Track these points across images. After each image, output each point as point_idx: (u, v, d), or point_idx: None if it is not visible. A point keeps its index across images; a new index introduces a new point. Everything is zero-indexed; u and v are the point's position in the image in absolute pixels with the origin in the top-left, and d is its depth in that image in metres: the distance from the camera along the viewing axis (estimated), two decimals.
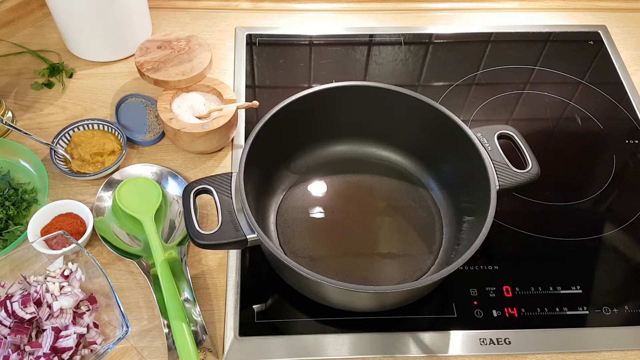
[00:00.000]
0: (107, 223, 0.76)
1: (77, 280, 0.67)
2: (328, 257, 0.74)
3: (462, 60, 1.00)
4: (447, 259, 0.72)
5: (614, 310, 0.72)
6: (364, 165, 0.82)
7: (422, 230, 0.76)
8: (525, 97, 0.96)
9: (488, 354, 0.68)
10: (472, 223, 0.69)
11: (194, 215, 0.65)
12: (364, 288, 0.60)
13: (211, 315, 0.70)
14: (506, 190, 0.69)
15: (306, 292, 0.69)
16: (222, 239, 0.63)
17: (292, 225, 0.76)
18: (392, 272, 0.72)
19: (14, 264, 0.67)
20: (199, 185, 0.67)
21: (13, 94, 0.91)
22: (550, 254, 0.77)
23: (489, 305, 0.72)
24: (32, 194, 0.78)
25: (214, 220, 0.78)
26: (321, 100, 0.75)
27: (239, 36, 1.01)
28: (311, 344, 0.68)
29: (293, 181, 0.80)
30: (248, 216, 0.63)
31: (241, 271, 0.73)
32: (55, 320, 0.64)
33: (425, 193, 0.80)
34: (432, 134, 0.76)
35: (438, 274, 0.60)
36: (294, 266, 0.59)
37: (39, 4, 1.00)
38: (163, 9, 1.04)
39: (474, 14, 1.08)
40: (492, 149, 0.71)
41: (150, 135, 0.85)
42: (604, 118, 0.93)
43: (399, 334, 0.69)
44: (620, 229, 0.80)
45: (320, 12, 1.07)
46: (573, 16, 1.09)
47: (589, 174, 0.86)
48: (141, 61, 0.81)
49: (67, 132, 0.82)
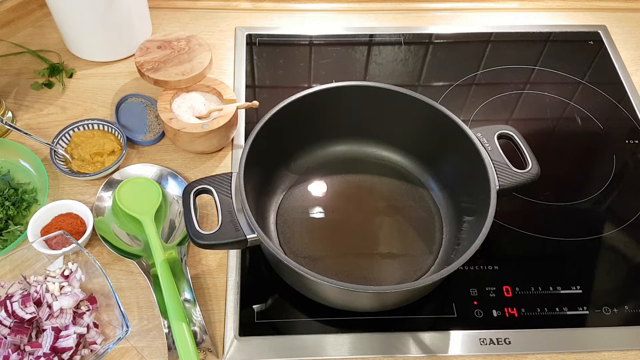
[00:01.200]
0: (107, 223, 0.76)
1: (77, 280, 0.67)
2: (328, 257, 0.74)
3: (462, 60, 1.00)
4: (447, 259, 0.72)
5: (614, 310, 0.72)
6: (364, 165, 0.82)
7: (422, 230, 0.76)
8: (525, 97, 0.96)
9: (488, 354, 0.68)
10: (472, 223, 0.69)
11: (194, 215, 0.65)
12: (364, 288, 0.60)
13: (211, 315, 0.70)
14: (506, 190, 0.69)
15: (306, 292, 0.69)
16: (222, 239, 0.63)
17: (292, 225, 0.76)
18: (392, 272, 0.72)
19: (14, 264, 0.67)
20: (199, 185, 0.67)
21: (13, 94, 0.91)
22: (550, 254, 0.77)
23: (489, 305, 0.72)
24: (32, 194, 0.78)
25: (214, 220, 0.78)
26: (321, 100, 0.75)
27: (239, 36, 1.01)
28: (311, 344, 0.68)
29: (293, 181, 0.80)
30: (248, 216, 0.63)
31: (241, 271, 0.73)
32: (55, 320, 0.64)
33: (425, 193, 0.80)
34: (432, 134, 0.76)
35: (438, 274, 0.60)
36: (294, 266, 0.59)
37: (39, 4, 1.00)
38: (163, 9, 1.04)
39: (474, 14, 1.08)
40: (492, 149, 0.71)
41: (150, 135, 0.85)
42: (604, 118, 0.93)
43: (399, 334, 0.69)
44: (620, 229, 0.80)
45: (320, 12, 1.07)
46: (573, 16, 1.09)
47: (589, 174, 0.86)
48: (141, 61, 0.81)
49: (67, 132, 0.82)
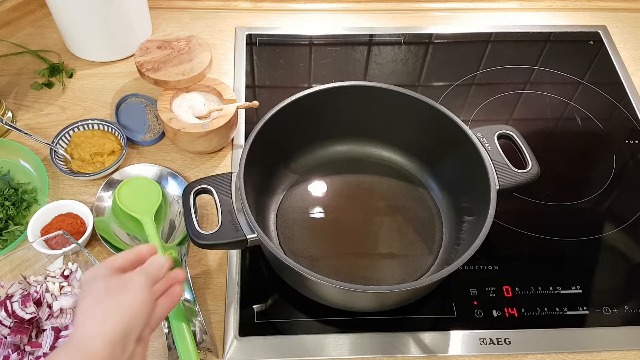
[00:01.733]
0: (107, 223, 0.76)
1: (77, 280, 0.67)
2: (328, 257, 0.74)
3: (462, 60, 1.00)
4: (447, 259, 0.72)
5: (614, 310, 0.72)
6: (364, 165, 0.82)
7: (422, 230, 0.76)
8: (525, 97, 0.96)
9: (488, 354, 0.68)
10: (472, 223, 0.69)
11: (194, 215, 0.65)
12: (364, 288, 0.60)
13: (211, 315, 0.70)
14: (506, 190, 0.69)
15: (306, 292, 0.69)
16: (222, 239, 0.63)
17: (292, 225, 0.76)
18: (391, 272, 0.72)
19: (14, 264, 0.67)
20: (199, 185, 0.67)
21: (13, 94, 0.91)
22: (550, 254, 0.77)
23: (489, 305, 0.72)
24: (32, 194, 0.78)
25: (214, 220, 0.78)
26: (321, 100, 0.75)
27: (239, 36, 1.01)
28: (311, 344, 0.68)
29: (293, 181, 0.80)
30: (248, 216, 0.63)
31: (241, 271, 0.73)
32: (55, 320, 0.64)
33: (425, 193, 0.80)
34: (432, 134, 0.76)
35: (438, 274, 0.60)
36: (293, 266, 0.59)
37: (39, 4, 1.00)
38: (163, 9, 1.04)
39: (474, 14, 1.08)
40: (492, 149, 0.71)
41: (150, 135, 0.85)
42: (604, 118, 0.93)
43: (399, 334, 0.69)
44: (621, 229, 0.80)
45: (320, 12, 1.07)
46: (573, 16, 1.09)
47: (589, 174, 0.86)
48: (141, 61, 0.81)
49: (67, 132, 0.82)
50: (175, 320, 0.65)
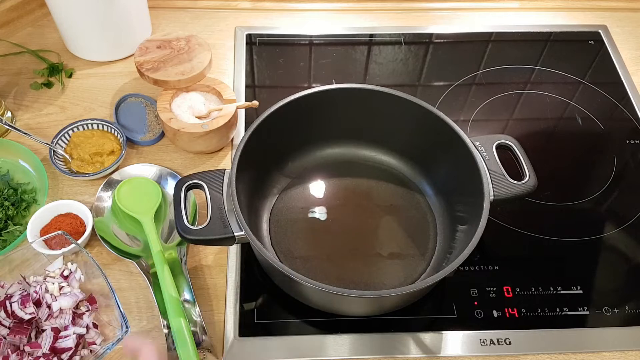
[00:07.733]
0: (106, 223, 0.76)
1: (76, 281, 0.67)
2: (319, 259, 0.73)
3: (462, 60, 1.00)
4: (439, 266, 0.71)
5: (614, 311, 0.72)
6: (360, 168, 0.82)
7: (416, 235, 0.75)
8: (525, 97, 0.96)
9: (488, 354, 0.68)
10: (466, 232, 0.68)
11: (183, 210, 0.64)
12: (357, 293, 0.59)
13: (211, 315, 0.70)
14: (501, 201, 0.68)
15: (292, 293, 0.69)
16: (210, 234, 0.63)
17: (285, 226, 0.76)
18: (382, 276, 0.72)
19: (14, 264, 0.67)
20: (191, 180, 0.67)
21: (13, 94, 0.90)
22: (550, 254, 0.77)
23: (490, 305, 0.72)
24: (31, 194, 0.78)
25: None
26: (316, 102, 0.75)
27: (239, 36, 1.01)
28: (311, 345, 0.68)
29: (288, 182, 0.80)
30: (237, 213, 0.62)
31: (241, 271, 0.73)
32: (54, 320, 0.64)
33: (421, 198, 0.79)
34: (428, 138, 0.75)
35: (423, 282, 0.59)
36: (276, 264, 0.59)
37: (38, 3, 1.00)
38: (163, 8, 1.04)
39: (474, 14, 1.08)
40: (489, 159, 0.70)
41: (149, 135, 0.85)
42: (604, 118, 0.93)
43: (399, 334, 0.69)
44: (621, 229, 0.80)
45: (320, 12, 1.07)
46: (573, 16, 1.09)
47: (589, 174, 0.86)
48: (141, 61, 0.81)
49: (67, 132, 0.82)
50: (175, 320, 0.65)
